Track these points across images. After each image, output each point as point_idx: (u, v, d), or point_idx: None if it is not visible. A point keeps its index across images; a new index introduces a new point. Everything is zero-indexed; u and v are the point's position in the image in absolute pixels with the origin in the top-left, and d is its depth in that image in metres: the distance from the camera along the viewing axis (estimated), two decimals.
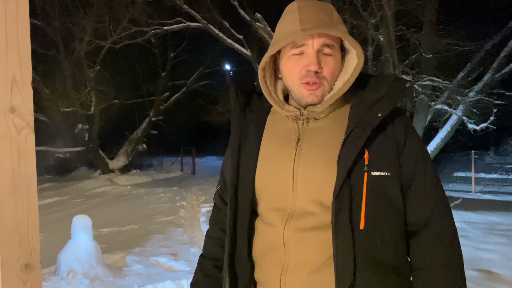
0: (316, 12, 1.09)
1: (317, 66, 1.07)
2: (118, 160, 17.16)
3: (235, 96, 1.21)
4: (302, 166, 1.08)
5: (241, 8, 11.74)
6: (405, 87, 1.12)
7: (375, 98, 1.10)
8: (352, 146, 1.04)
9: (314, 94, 1.10)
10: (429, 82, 8.37)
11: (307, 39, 1.08)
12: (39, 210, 3.38)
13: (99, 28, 13.84)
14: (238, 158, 1.18)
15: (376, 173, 1.04)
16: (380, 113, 1.06)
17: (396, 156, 1.08)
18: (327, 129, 1.12)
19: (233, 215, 1.16)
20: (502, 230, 6.52)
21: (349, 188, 1.02)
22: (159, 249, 5.29)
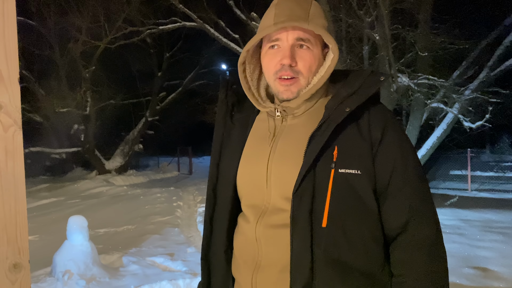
0: (291, 6, 1.08)
1: (290, 60, 1.06)
2: (115, 161, 17.11)
3: (224, 97, 1.22)
4: (275, 163, 1.08)
5: (236, 8, 11.73)
6: (378, 80, 1.09)
7: (347, 93, 1.08)
8: (317, 141, 1.02)
9: (290, 90, 1.09)
10: (425, 81, 8.37)
11: (281, 33, 1.08)
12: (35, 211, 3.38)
13: (94, 28, 13.80)
14: (218, 157, 1.20)
15: (344, 170, 1.00)
16: (348, 108, 1.03)
17: (369, 155, 1.03)
18: (304, 126, 1.10)
19: (210, 212, 1.19)
20: (498, 228, 6.55)
21: (312, 184, 1.00)
22: (155, 249, 5.28)
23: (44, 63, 15.94)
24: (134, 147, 18.18)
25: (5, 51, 0.72)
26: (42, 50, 15.47)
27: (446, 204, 8.69)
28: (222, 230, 1.15)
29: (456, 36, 8.76)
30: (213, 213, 1.19)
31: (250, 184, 1.12)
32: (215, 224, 1.18)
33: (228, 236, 1.15)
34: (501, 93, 9.18)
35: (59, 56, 15.56)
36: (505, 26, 9.86)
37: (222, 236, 1.15)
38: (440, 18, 9.09)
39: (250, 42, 1.13)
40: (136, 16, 13.08)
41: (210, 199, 1.19)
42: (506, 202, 9.35)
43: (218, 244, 1.17)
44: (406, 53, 9.49)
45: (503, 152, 19.89)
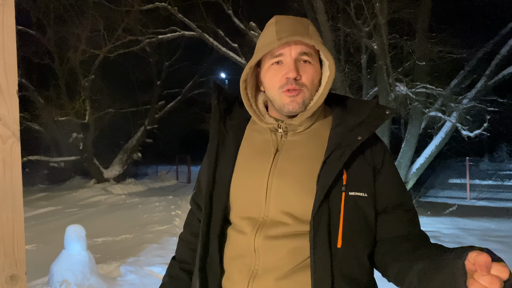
0: (292, 23, 1.13)
1: (295, 73, 1.10)
2: (113, 169, 17.08)
3: (217, 103, 1.23)
4: (276, 178, 1.11)
5: (235, 17, 11.81)
6: (385, 114, 1.15)
7: (355, 121, 1.13)
8: (332, 166, 1.06)
9: (295, 101, 1.12)
10: (423, 89, 8.42)
11: (284, 48, 1.11)
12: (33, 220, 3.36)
13: (93, 37, 13.87)
14: (215, 165, 1.19)
15: (353, 193, 1.07)
16: (360, 137, 1.09)
17: (372, 179, 1.11)
18: (304, 145, 1.15)
19: (207, 221, 1.17)
20: (497, 237, 6.53)
21: (327, 207, 1.05)
22: (153, 258, 5.25)
23: (44, 72, 16.01)
24: (132, 155, 18.16)
25: (4, 63, 0.72)
26: (42, 59, 15.53)
27: (445, 213, 8.68)
28: (215, 240, 1.16)
29: (454, 45, 8.82)
30: (210, 222, 1.17)
31: (248, 197, 1.13)
32: (211, 233, 1.17)
33: (220, 246, 1.16)
34: (499, 102, 9.24)
35: (59, 65, 15.62)
36: (502, 35, 9.94)
37: (216, 247, 1.16)
38: (438, 28, 9.18)
39: (253, 59, 1.15)
40: (136, 26, 13.14)
41: (207, 207, 1.17)
42: (505, 210, 9.35)
43: (214, 254, 1.16)
44: (404, 62, 9.54)
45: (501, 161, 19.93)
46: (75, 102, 15.29)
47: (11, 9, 0.74)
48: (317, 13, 8.28)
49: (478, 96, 9.17)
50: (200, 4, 11.63)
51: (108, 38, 13.38)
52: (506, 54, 9.50)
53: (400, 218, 1.11)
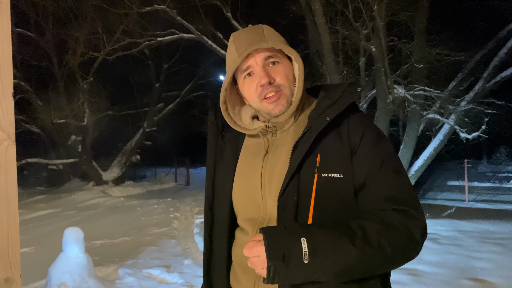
0: (247, 35, 1.17)
1: (267, 78, 1.13)
2: (112, 172, 17.05)
3: (214, 119, 1.29)
4: (267, 174, 1.14)
5: (234, 20, 11.82)
6: (355, 91, 1.16)
7: (328, 104, 1.14)
8: (300, 148, 1.08)
9: (280, 104, 1.15)
10: (421, 92, 8.43)
11: (249, 60, 1.15)
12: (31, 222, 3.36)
13: (92, 39, 13.86)
14: (213, 176, 1.26)
15: (326, 174, 1.06)
16: (328, 118, 1.09)
17: (349, 159, 1.08)
18: (290, 137, 1.17)
19: (208, 227, 1.25)
20: (495, 239, 6.53)
21: (296, 189, 1.06)
22: (152, 261, 5.24)
23: (42, 74, 15.99)
24: (131, 158, 18.14)
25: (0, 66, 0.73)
26: (40, 62, 15.52)
27: (443, 215, 8.68)
28: (222, 247, 1.21)
29: (452, 48, 8.84)
30: (212, 231, 1.24)
31: (246, 199, 1.17)
32: (215, 241, 1.24)
33: (228, 251, 1.21)
34: (497, 104, 9.25)
35: (57, 67, 15.62)
36: (500, 38, 9.96)
37: (222, 252, 1.21)
38: (436, 30, 9.19)
39: (225, 81, 1.19)
40: (135, 28, 13.14)
41: (208, 217, 1.25)
42: (503, 212, 9.35)
43: (219, 261, 1.22)
44: (402, 65, 9.56)
45: (500, 163, 19.94)
46: (73, 104, 15.26)
47: (7, 11, 0.74)
48: (316, 16, 8.29)
49: (476, 99, 9.19)
50: (199, 7, 11.63)
51: (107, 40, 13.37)
52: (504, 56, 9.52)
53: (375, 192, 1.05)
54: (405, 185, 1.07)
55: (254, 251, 0.94)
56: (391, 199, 1.03)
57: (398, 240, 0.98)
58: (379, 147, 1.11)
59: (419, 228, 1.01)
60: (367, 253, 0.94)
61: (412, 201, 1.05)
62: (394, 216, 1.01)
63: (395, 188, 1.06)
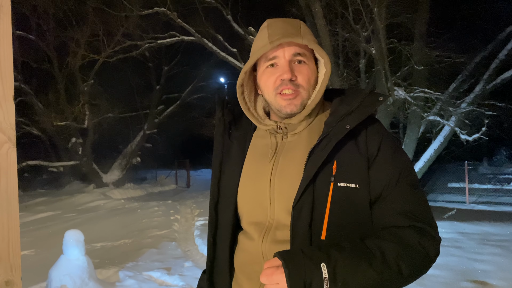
0: (283, 25, 1.13)
1: (290, 74, 1.09)
2: (112, 174, 17.06)
3: (221, 116, 1.25)
4: (277, 179, 1.10)
5: (234, 22, 11.85)
6: (377, 100, 1.13)
7: (347, 110, 1.11)
8: (317, 156, 1.04)
9: (293, 104, 1.12)
10: (421, 94, 8.44)
11: (278, 50, 1.11)
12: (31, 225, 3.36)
13: (93, 42, 13.90)
14: (219, 175, 1.22)
15: (343, 184, 1.03)
16: (348, 126, 1.06)
17: (366, 169, 1.06)
18: (303, 142, 1.13)
19: (213, 229, 1.21)
20: (496, 241, 6.53)
21: (311, 197, 1.03)
22: (152, 263, 5.24)
23: (43, 77, 16.02)
24: (131, 160, 18.15)
25: (0, 69, 0.73)
26: (41, 64, 15.56)
27: (444, 217, 8.67)
28: (225, 249, 1.17)
29: (452, 49, 8.85)
30: (216, 232, 1.21)
31: (253, 201, 1.14)
32: (219, 243, 1.20)
33: (231, 254, 1.18)
34: (497, 106, 9.25)
35: (58, 70, 15.65)
36: (500, 40, 9.98)
37: (225, 255, 1.17)
38: (436, 32, 9.20)
39: (247, 64, 1.15)
40: (135, 30, 13.18)
41: (212, 217, 1.21)
42: (504, 214, 9.33)
43: (222, 263, 1.18)
44: (402, 67, 9.57)
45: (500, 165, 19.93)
46: (74, 106, 15.29)
47: (8, 15, 0.75)
48: (316, 18, 8.30)
49: (476, 101, 9.19)
50: (199, 9, 11.66)
51: (108, 43, 13.41)
52: (504, 58, 9.53)
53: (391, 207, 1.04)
54: (422, 201, 1.07)
55: (273, 279, 0.91)
56: (408, 215, 1.03)
57: (415, 260, 0.99)
58: (396, 159, 1.09)
59: (434, 247, 1.02)
60: (386, 276, 0.95)
61: (428, 218, 1.05)
62: (411, 235, 1.00)
63: (412, 204, 1.05)
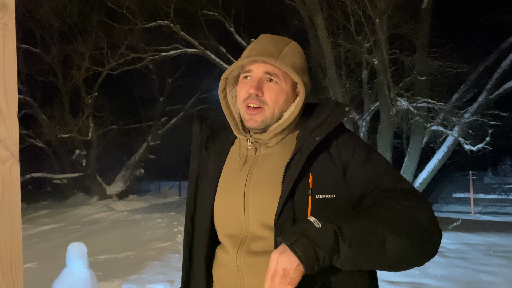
0: (267, 43, 1.17)
1: (256, 89, 1.13)
2: (116, 186, 17.06)
3: (198, 130, 1.30)
4: (251, 191, 1.12)
5: (237, 34, 11.95)
6: (344, 110, 1.15)
7: (316, 123, 1.14)
8: (293, 169, 1.06)
9: (254, 119, 1.15)
10: (424, 104, 8.44)
11: (253, 65, 1.16)
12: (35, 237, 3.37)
13: (97, 54, 14.02)
14: (195, 188, 1.25)
15: (321, 196, 1.05)
16: (318, 137, 1.09)
17: (342, 178, 1.08)
18: (276, 156, 1.16)
19: (188, 243, 1.22)
20: (502, 252, 6.46)
21: (292, 212, 1.04)
22: (155, 276, 5.22)
23: (47, 89, 16.14)
24: (135, 172, 18.16)
25: (5, 86, 0.74)
26: (46, 77, 15.69)
27: (449, 228, 8.61)
28: (201, 262, 1.18)
29: (454, 60, 8.87)
30: (192, 245, 1.21)
31: (227, 214, 1.15)
32: (195, 255, 1.20)
33: (207, 267, 1.18)
34: (501, 116, 9.23)
35: (62, 83, 15.77)
36: (502, 50, 9.99)
37: (201, 268, 1.17)
38: (438, 43, 9.23)
39: (227, 71, 1.23)
40: (139, 43, 13.31)
41: (188, 230, 1.22)
42: (509, 225, 9.26)
43: (198, 276, 1.18)
44: (404, 77, 9.59)
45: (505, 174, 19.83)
46: (78, 119, 15.38)
47: (12, 33, 0.76)
48: (318, 30, 8.36)
49: (479, 110, 9.17)
50: (202, 22, 11.77)
51: (111, 55, 13.52)
52: (507, 68, 9.53)
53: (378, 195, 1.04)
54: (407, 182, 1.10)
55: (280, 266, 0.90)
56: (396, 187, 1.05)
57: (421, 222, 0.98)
58: (371, 161, 1.11)
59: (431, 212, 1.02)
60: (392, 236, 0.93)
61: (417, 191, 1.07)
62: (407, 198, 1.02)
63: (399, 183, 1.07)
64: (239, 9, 11.88)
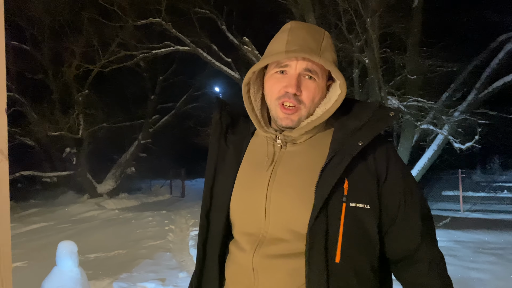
0: (305, 36, 1.08)
1: (295, 89, 1.06)
2: (107, 184, 16.96)
3: (218, 118, 1.20)
4: (275, 191, 1.06)
5: (229, 32, 11.93)
6: (388, 115, 1.09)
7: (356, 125, 1.08)
8: (331, 174, 1.00)
9: (289, 119, 1.09)
10: (415, 103, 8.50)
11: (291, 60, 1.07)
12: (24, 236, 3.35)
13: (88, 52, 13.91)
14: (213, 181, 1.17)
15: (355, 204, 1.00)
16: (361, 142, 1.03)
17: (376, 189, 1.04)
18: (305, 154, 1.10)
19: (203, 237, 1.16)
20: (491, 249, 6.54)
21: (325, 219, 0.99)
22: (147, 274, 5.19)
23: (38, 87, 15.98)
24: (126, 170, 18.07)
25: None
26: (36, 74, 15.54)
27: (439, 225, 8.68)
28: (215, 257, 1.13)
29: (444, 59, 8.93)
30: (207, 240, 1.16)
31: (246, 211, 1.10)
32: (209, 251, 1.15)
33: (221, 263, 1.13)
34: (490, 115, 9.32)
35: (53, 80, 15.62)
36: (491, 49, 10.10)
37: (215, 264, 1.12)
38: (428, 42, 9.29)
39: (258, 65, 1.12)
40: (130, 41, 13.22)
41: (204, 224, 1.16)
42: (498, 222, 9.37)
43: (211, 272, 1.14)
44: (395, 76, 9.64)
45: (493, 172, 20.05)
46: (68, 116, 15.25)
47: (1, 30, 0.75)
48: None
49: (469, 109, 9.26)
50: (194, 20, 11.74)
51: (103, 53, 13.43)
52: (496, 67, 9.64)
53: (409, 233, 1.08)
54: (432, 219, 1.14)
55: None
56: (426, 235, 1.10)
57: None
58: (406, 182, 1.10)
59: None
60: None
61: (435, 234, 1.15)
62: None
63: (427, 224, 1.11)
64: (231, 7, 11.88)
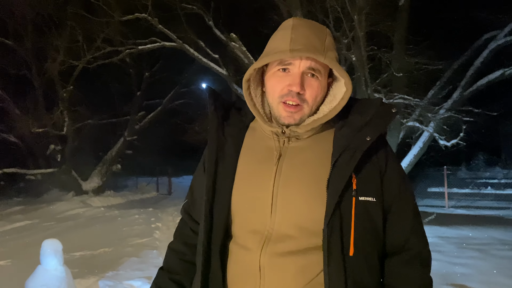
0: (308, 34, 1.07)
1: (299, 88, 1.06)
2: (92, 181, 16.76)
3: (213, 109, 1.17)
4: (282, 187, 1.06)
5: (216, 28, 11.86)
6: (391, 111, 1.12)
7: (362, 122, 1.09)
8: (342, 170, 1.02)
9: (292, 117, 1.09)
10: (401, 100, 8.58)
11: (295, 59, 1.07)
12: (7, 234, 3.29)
13: (72, 47, 13.68)
14: (214, 174, 1.12)
15: (363, 198, 1.03)
16: (369, 137, 1.05)
17: (379, 182, 1.08)
18: (309, 150, 1.10)
19: (207, 234, 1.09)
20: (475, 244, 6.65)
21: (339, 214, 1.00)
22: (133, 272, 5.15)
23: (20, 82, 15.71)
24: (112, 167, 17.88)
25: None
26: (19, 70, 15.26)
27: (424, 222, 8.76)
28: (216, 257, 1.09)
29: (430, 57, 9.04)
30: (211, 237, 1.09)
31: (251, 208, 1.08)
32: (213, 253, 1.09)
33: (223, 263, 1.09)
34: (474, 112, 9.46)
35: (36, 76, 15.36)
36: (476, 47, 10.25)
37: (218, 267, 1.08)
38: (414, 40, 9.40)
39: (260, 61, 1.11)
40: (116, 36, 13.04)
41: (208, 221, 1.09)
42: (482, 218, 9.53)
43: (217, 277, 1.09)
44: (382, 74, 9.73)
45: (478, 169, 20.39)
46: (53, 113, 15.01)
47: None
48: None
49: (454, 107, 9.39)
50: (180, 15, 11.63)
51: (88, 48, 13.23)
52: (480, 65, 9.79)
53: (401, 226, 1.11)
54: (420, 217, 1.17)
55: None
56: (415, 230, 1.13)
57: None
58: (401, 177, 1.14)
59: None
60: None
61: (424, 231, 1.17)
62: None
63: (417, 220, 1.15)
64: (218, 3, 11.80)
